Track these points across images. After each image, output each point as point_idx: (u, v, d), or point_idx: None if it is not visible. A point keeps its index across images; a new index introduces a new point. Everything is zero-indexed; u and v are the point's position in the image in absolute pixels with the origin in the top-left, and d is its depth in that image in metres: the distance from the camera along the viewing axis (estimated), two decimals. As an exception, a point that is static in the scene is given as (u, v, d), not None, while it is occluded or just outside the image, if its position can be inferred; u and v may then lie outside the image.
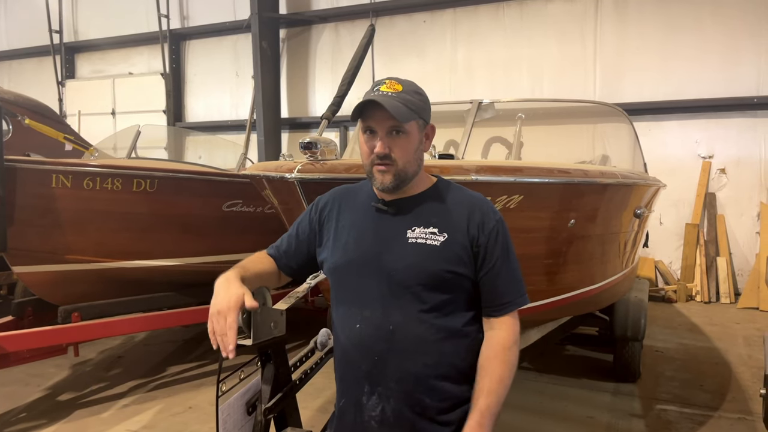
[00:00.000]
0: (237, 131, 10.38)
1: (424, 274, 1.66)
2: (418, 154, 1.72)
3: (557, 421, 3.96)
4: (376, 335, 1.70)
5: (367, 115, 1.67)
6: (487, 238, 1.70)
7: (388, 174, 1.67)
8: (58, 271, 4.47)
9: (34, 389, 4.59)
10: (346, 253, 1.77)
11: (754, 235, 7.74)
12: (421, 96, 1.74)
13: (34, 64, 12.82)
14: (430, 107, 1.79)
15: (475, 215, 1.72)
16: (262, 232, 5.07)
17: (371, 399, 1.72)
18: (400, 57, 9.48)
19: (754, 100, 7.56)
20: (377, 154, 1.66)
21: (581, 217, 3.40)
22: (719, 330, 6.24)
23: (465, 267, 1.70)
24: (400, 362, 1.69)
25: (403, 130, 1.66)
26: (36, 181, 4.21)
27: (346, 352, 1.78)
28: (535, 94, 8.62)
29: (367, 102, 1.64)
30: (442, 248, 1.68)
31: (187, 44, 11.44)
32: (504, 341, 1.70)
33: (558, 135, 5.41)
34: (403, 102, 1.65)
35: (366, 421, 1.74)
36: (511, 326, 1.73)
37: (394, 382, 1.69)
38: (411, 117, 1.66)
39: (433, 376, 1.69)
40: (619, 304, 4.56)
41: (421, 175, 1.78)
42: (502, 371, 1.67)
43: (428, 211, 1.74)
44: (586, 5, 8.43)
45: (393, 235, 1.72)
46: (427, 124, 1.77)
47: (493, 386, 1.65)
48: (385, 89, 1.67)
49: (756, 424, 3.85)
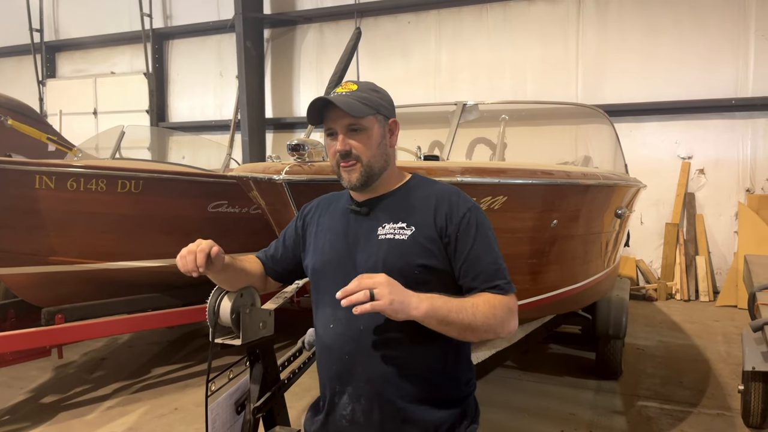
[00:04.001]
0: (221, 131, 10.35)
1: (392, 270, 1.61)
2: (381, 149, 1.73)
3: (540, 419, 4.01)
4: (347, 335, 1.70)
5: (325, 117, 1.70)
6: (456, 227, 1.67)
7: (354, 172, 1.68)
8: (42, 272, 4.44)
9: (17, 392, 4.54)
10: (323, 256, 1.80)
11: (732, 234, 7.89)
12: (379, 93, 1.76)
13: (14, 63, 12.66)
14: (392, 104, 1.80)
15: (442, 206, 1.70)
16: (247, 232, 5.10)
17: (342, 398, 1.73)
18: (385, 58, 9.51)
19: (732, 101, 7.70)
20: (338, 152, 1.68)
21: (564, 217, 3.45)
22: (698, 327, 6.35)
23: (435, 259, 1.67)
24: (369, 363, 1.68)
25: (361, 127, 1.68)
26: (19, 183, 4.17)
27: (321, 351, 1.81)
28: (518, 96, 8.70)
29: (319, 104, 1.68)
30: (410, 242, 1.67)
31: (170, 44, 11.37)
32: (491, 298, 1.63)
33: (541, 136, 5.46)
34: (357, 99, 1.67)
35: (338, 420, 1.75)
36: (504, 300, 1.65)
37: (363, 382, 1.69)
38: (366, 111, 1.67)
39: (404, 377, 1.68)
40: (601, 302, 4.63)
41: (391, 172, 1.78)
42: (475, 301, 1.60)
43: (398, 208, 1.74)
44: (569, 7, 8.52)
45: (365, 235, 1.73)
46: (389, 119, 1.77)
47: (466, 304, 1.58)
48: (341, 90, 1.70)
49: (735, 420, 3.94)
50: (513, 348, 3.86)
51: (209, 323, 1.96)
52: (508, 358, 5.00)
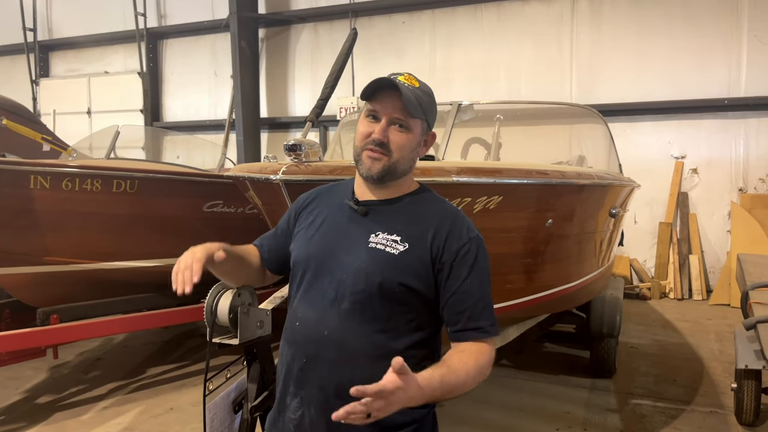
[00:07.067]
0: (215, 131, 10.32)
1: (373, 283, 1.54)
2: (413, 155, 1.65)
3: (535, 417, 4.03)
4: (310, 337, 1.61)
5: (376, 98, 1.60)
6: (453, 256, 1.57)
7: (379, 162, 1.58)
8: (37, 272, 4.43)
9: (12, 392, 4.53)
10: (308, 248, 1.70)
11: (725, 233, 7.94)
12: (432, 99, 1.69)
13: (7, 62, 12.59)
14: (436, 115, 1.72)
15: (441, 230, 1.60)
16: (243, 232, 5.05)
17: (293, 401, 1.64)
18: (380, 58, 9.51)
19: (725, 101, 7.75)
20: (374, 139, 1.58)
21: (558, 217, 3.47)
22: (692, 326, 6.39)
23: (420, 282, 1.57)
24: (327, 370, 1.57)
25: (407, 126, 1.60)
26: (14, 183, 4.16)
27: (283, 345, 1.71)
28: (512, 96, 8.72)
29: (384, 83, 1.58)
30: (399, 258, 1.57)
31: (164, 43, 11.34)
32: (478, 353, 1.54)
33: (535, 136, 5.49)
34: (416, 96, 1.59)
35: (286, 423, 1.66)
36: (484, 352, 1.56)
37: (317, 388, 1.59)
38: (419, 113, 1.60)
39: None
40: (595, 301, 4.66)
41: (407, 179, 1.70)
42: (467, 365, 1.51)
43: (397, 218, 1.64)
44: (563, 8, 8.56)
45: (356, 237, 1.63)
46: (430, 130, 1.70)
47: (458, 367, 1.48)
48: (403, 80, 1.61)
49: (728, 417, 3.98)
50: (508, 347, 3.88)
51: (207, 323, 1.96)
52: (503, 357, 5.04)
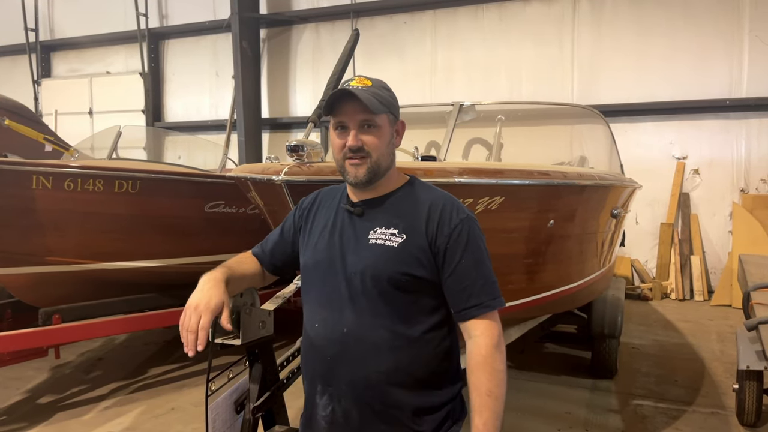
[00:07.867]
0: (217, 131, 10.33)
1: (380, 277, 1.63)
2: (390, 149, 1.72)
3: (536, 417, 4.03)
4: (331, 337, 1.69)
5: (338, 110, 1.67)
6: (447, 238, 1.64)
7: (362, 167, 1.65)
8: (39, 272, 4.43)
9: (13, 392, 4.54)
10: (315, 254, 1.77)
11: (726, 234, 7.94)
12: (390, 92, 1.75)
13: (9, 62, 12.60)
14: (398, 105, 1.79)
15: (433, 216, 1.67)
16: (244, 232, 5.10)
17: (323, 398, 1.72)
18: (381, 58, 9.52)
19: (727, 102, 7.75)
20: (349, 147, 1.64)
21: (560, 217, 3.47)
22: (693, 327, 6.38)
23: (424, 269, 1.65)
24: (352, 366, 1.66)
25: (375, 124, 1.66)
26: (16, 183, 4.17)
27: (305, 349, 1.80)
28: (513, 96, 8.73)
29: (338, 96, 1.64)
30: (400, 250, 1.64)
31: (165, 43, 11.35)
32: (483, 349, 1.61)
33: (537, 136, 5.49)
34: (374, 95, 1.65)
35: (317, 420, 1.74)
36: (489, 330, 1.63)
37: (344, 384, 1.67)
38: (382, 109, 1.65)
39: (387, 383, 1.65)
40: (597, 302, 4.66)
41: (392, 174, 1.76)
42: (488, 384, 1.59)
43: (392, 212, 1.71)
44: (564, 8, 8.56)
45: (357, 237, 1.70)
46: (397, 120, 1.77)
47: (484, 401, 1.58)
48: (355, 84, 1.67)
49: (729, 418, 3.97)
50: (509, 347, 3.87)
51: (209, 323, 1.96)
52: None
